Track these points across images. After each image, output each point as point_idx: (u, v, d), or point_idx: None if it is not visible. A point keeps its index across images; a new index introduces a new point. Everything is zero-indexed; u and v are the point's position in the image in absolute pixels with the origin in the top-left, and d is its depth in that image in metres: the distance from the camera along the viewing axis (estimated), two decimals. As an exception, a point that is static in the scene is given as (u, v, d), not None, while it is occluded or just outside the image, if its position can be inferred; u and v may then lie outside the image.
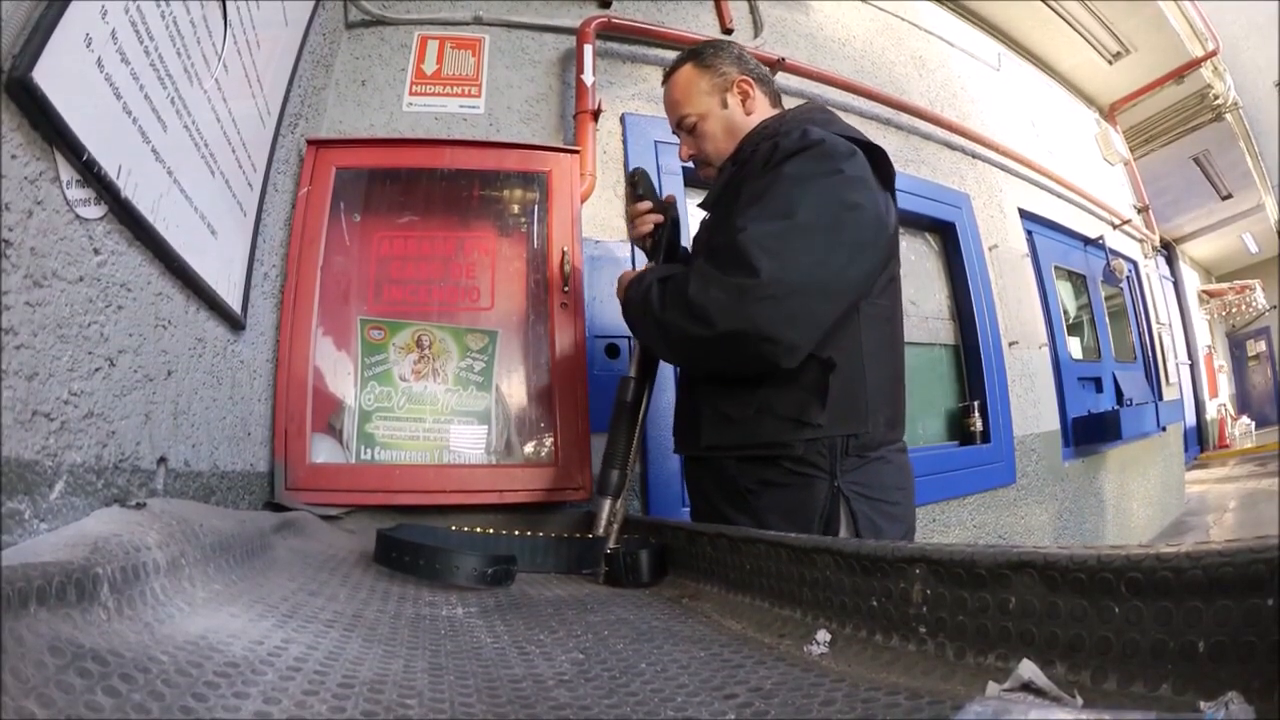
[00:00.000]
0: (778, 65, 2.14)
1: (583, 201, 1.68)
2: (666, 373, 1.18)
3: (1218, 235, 7.36)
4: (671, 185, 1.86)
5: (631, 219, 1.22)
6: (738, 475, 1.02)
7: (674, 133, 1.21)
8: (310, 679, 0.40)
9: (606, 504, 1.08)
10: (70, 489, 0.60)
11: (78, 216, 0.62)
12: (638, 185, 1.22)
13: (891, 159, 1.04)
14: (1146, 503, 3.63)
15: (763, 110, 1.14)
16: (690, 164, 1.22)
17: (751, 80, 1.14)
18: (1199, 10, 4.21)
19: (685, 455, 1.17)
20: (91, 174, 0.62)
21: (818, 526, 0.96)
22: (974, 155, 2.91)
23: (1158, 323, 4.41)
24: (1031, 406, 2.77)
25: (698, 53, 1.17)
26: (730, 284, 0.89)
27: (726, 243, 0.93)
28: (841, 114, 1.16)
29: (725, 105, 1.14)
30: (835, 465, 0.96)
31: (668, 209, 1.20)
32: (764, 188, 0.96)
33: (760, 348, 0.89)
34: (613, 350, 1.69)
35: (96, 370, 0.65)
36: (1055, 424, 2.92)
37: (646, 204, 1.20)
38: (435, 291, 1.58)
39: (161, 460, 0.81)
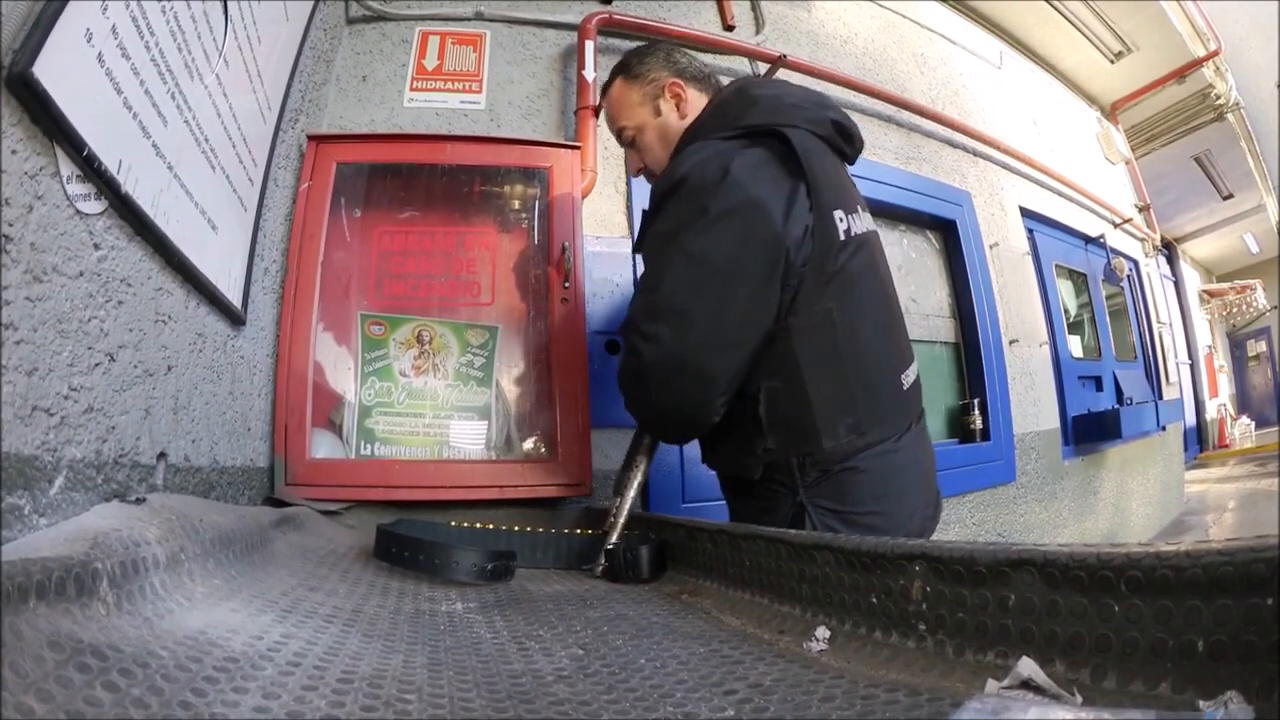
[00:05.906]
0: (779, 62, 2.13)
1: (583, 197, 1.68)
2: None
3: (1218, 235, 7.36)
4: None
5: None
6: (724, 489, 1.11)
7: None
8: (309, 674, 0.41)
9: (615, 502, 1.09)
10: (70, 484, 0.60)
11: (78, 211, 0.62)
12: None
13: (860, 137, 1.07)
14: (1146, 502, 3.64)
15: (698, 109, 1.08)
16: (642, 178, 1.19)
17: (683, 81, 1.10)
18: (1201, 10, 4.20)
19: None
20: (92, 169, 0.62)
21: None
22: (975, 153, 2.91)
23: (1158, 322, 4.40)
24: (1031, 405, 2.77)
25: (625, 64, 1.14)
26: (630, 370, 0.95)
27: (624, 321, 0.98)
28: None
29: (659, 113, 1.10)
30: (797, 482, 0.94)
31: None
32: (646, 250, 0.99)
33: (685, 419, 0.94)
34: (613, 346, 1.69)
35: (96, 365, 0.65)
36: (1055, 422, 2.92)
37: None
38: (436, 287, 1.58)
39: (161, 455, 0.81)
